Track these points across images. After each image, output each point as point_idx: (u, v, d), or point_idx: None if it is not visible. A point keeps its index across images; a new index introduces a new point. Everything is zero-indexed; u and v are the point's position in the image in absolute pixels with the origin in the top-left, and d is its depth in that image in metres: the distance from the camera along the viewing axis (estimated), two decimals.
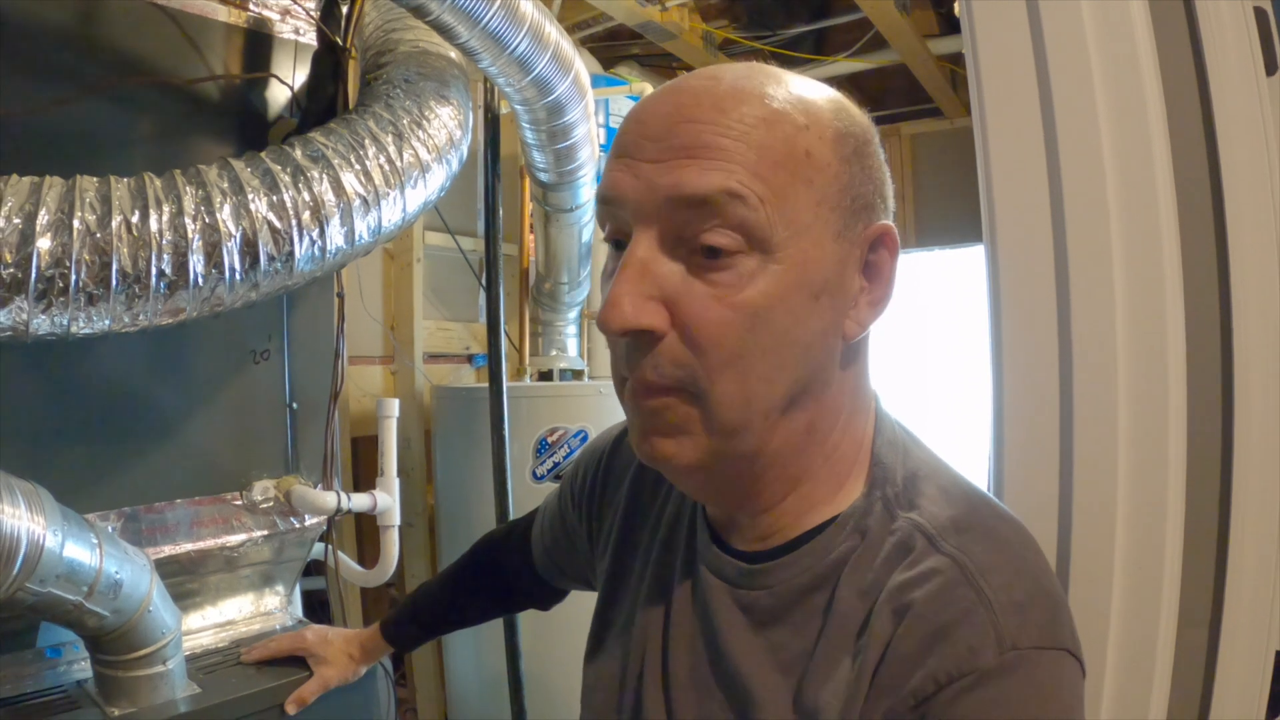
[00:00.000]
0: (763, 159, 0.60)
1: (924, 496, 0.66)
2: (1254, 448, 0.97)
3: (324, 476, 1.66)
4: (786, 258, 0.60)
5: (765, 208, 0.59)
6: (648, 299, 0.61)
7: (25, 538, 1.01)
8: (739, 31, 3.20)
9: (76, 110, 1.31)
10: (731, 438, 0.63)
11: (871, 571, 0.64)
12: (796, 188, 0.60)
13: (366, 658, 1.25)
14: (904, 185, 3.90)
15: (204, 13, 1.46)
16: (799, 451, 0.67)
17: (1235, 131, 1.04)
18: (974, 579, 0.59)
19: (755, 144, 0.60)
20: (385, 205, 1.34)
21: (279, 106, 1.58)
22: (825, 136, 0.62)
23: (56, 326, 1.07)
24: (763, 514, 0.70)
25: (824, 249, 0.62)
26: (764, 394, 0.62)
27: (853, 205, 0.64)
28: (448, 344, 3.00)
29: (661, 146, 0.61)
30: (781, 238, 0.60)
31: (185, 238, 1.12)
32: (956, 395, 2.38)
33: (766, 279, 0.60)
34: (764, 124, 0.60)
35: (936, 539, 0.63)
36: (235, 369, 1.55)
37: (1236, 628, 0.96)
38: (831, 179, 0.62)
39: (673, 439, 0.64)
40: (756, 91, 0.62)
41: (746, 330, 0.60)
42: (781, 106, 0.62)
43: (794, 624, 0.67)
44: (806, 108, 0.63)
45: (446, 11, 1.33)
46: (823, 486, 0.69)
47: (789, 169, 0.60)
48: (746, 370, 0.61)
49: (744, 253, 0.60)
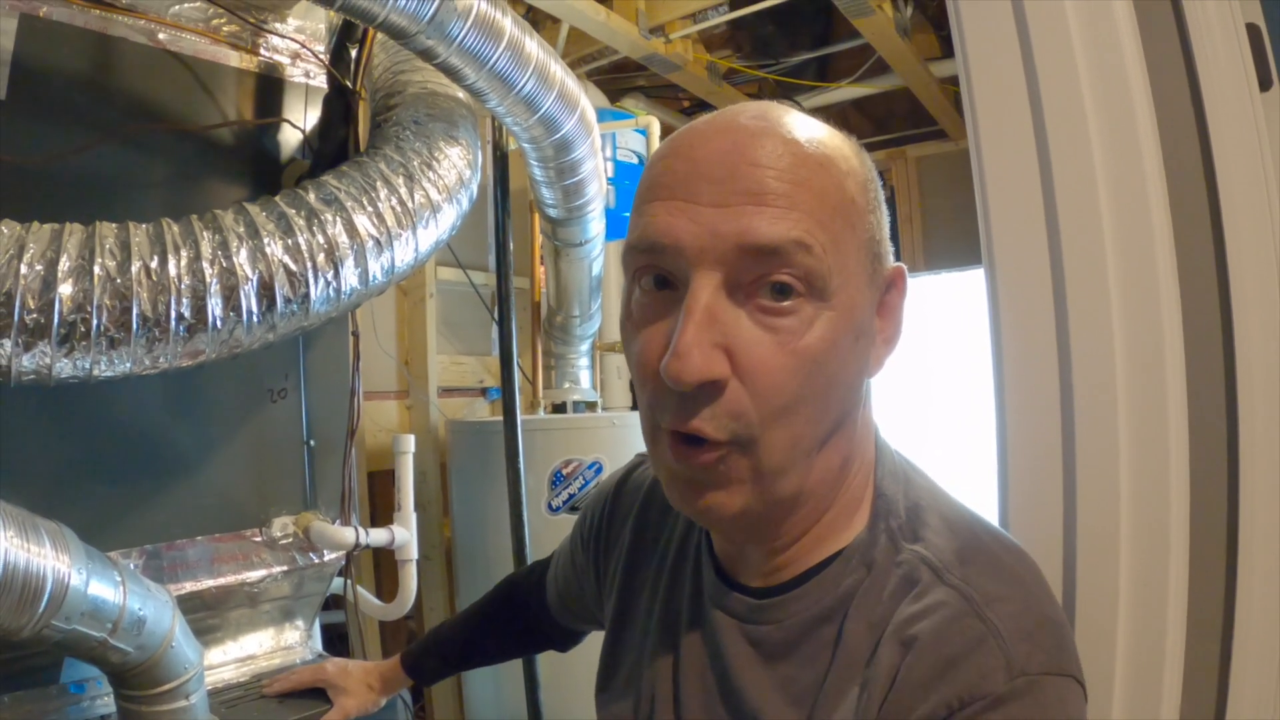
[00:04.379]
0: (823, 206, 0.60)
1: (928, 527, 0.67)
2: (1259, 456, 0.97)
3: (342, 512, 1.68)
4: (839, 304, 0.61)
5: (827, 256, 0.59)
6: (714, 347, 0.59)
7: (51, 576, 1.03)
8: (743, 61, 3.24)
9: (94, 156, 1.34)
10: (776, 482, 0.63)
11: (879, 605, 0.65)
12: (846, 234, 0.62)
13: (386, 689, 1.26)
14: (911, 208, 3.91)
15: (216, 58, 1.50)
16: (831, 487, 0.68)
17: (1230, 148, 1.05)
18: (981, 610, 0.60)
19: (816, 190, 0.60)
20: (398, 246, 1.37)
21: (291, 149, 1.61)
22: (860, 182, 0.64)
23: (79, 369, 1.09)
24: (779, 550, 0.70)
25: (862, 293, 0.63)
26: (809, 436, 0.63)
27: (878, 250, 0.65)
28: (462, 378, 3.02)
29: (724, 190, 0.59)
30: (835, 285, 0.60)
31: (203, 281, 1.15)
32: (967, 418, 2.38)
33: (822, 325, 0.60)
34: (821, 169, 0.61)
35: (942, 571, 0.63)
36: (253, 408, 1.57)
37: (1248, 638, 0.96)
38: (865, 225, 0.63)
39: (723, 490, 0.63)
40: (805, 136, 0.62)
41: (806, 377, 0.60)
42: (829, 153, 0.62)
43: (804, 657, 0.67)
44: (845, 154, 0.64)
45: (454, 54, 1.36)
46: (839, 518, 0.70)
47: (842, 216, 0.61)
48: (796, 415, 0.61)
49: (805, 299, 0.60)
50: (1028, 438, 1.02)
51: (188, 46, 1.45)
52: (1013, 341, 1.02)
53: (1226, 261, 1.00)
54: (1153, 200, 0.98)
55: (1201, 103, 1.05)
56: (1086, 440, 0.96)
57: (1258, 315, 1.00)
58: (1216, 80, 1.06)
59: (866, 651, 0.63)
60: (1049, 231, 1.00)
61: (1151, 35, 1.05)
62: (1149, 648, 0.93)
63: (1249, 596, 0.96)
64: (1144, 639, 0.94)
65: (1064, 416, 0.98)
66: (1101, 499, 0.95)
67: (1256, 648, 0.97)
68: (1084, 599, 0.95)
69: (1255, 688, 0.96)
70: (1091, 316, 0.97)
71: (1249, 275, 1.00)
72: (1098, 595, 0.95)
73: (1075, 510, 0.96)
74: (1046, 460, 0.99)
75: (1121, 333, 0.96)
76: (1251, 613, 0.97)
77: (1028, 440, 1.02)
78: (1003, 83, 1.05)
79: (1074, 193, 0.99)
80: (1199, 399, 0.97)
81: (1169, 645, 0.93)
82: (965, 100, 1.09)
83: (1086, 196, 0.99)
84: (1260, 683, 0.97)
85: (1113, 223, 0.98)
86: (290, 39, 1.58)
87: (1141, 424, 0.95)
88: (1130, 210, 0.98)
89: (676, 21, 2.77)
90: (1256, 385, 0.98)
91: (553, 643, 1.19)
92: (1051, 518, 0.98)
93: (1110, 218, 0.98)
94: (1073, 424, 0.97)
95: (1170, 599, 0.93)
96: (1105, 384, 0.95)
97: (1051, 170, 1.00)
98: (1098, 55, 1.02)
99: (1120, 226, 0.98)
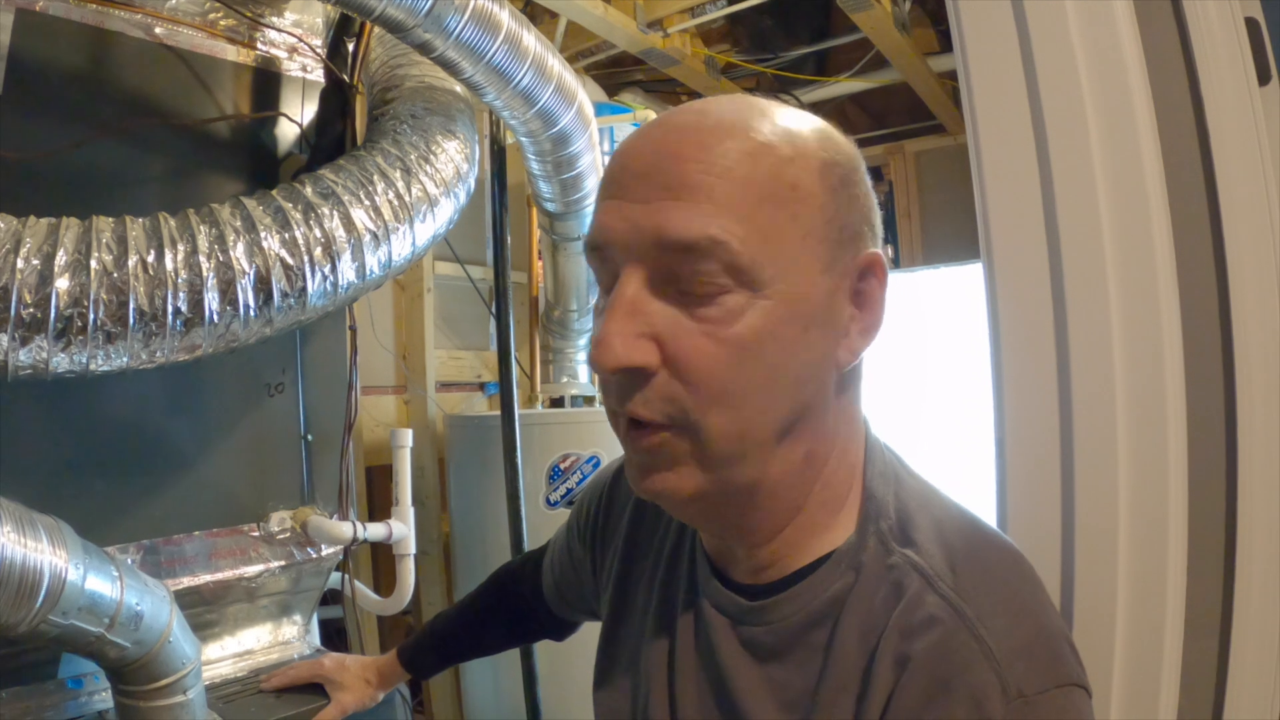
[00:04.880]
0: (747, 195, 0.60)
1: (919, 530, 0.66)
2: (1258, 452, 0.97)
3: (339, 507, 1.68)
4: (775, 293, 0.60)
5: (749, 248, 0.59)
6: (638, 337, 0.61)
7: (48, 571, 1.03)
8: (741, 55, 3.23)
9: (91, 151, 1.34)
10: (727, 469, 0.64)
11: (871, 612, 0.64)
12: (782, 222, 0.61)
13: (384, 684, 1.26)
14: (910, 203, 3.91)
15: (213, 53, 1.49)
16: (798, 480, 0.67)
17: (1229, 142, 1.04)
18: (974, 626, 0.60)
19: (739, 180, 0.60)
20: (395, 240, 1.37)
21: (288, 143, 1.61)
22: (811, 167, 0.62)
23: (76, 364, 1.09)
24: (760, 546, 0.70)
25: (813, 281, 0.62)
26: (758, 425, 0.63)
27: (840, 236, 0.63)
28: (459, 373, 3.02)
29: (647, 185, 0.61)
30: (769, 274, 0.60)
31: (200, 276, 1.15)
32: (965, 414, 2.38)
33: (755, 314, 0.60)
34: (749, 158, 0.60)
35: (933, 579, 0.63)
36: (250, 402, 1.57)
37: (1246, 636, 0.96)
38: (818, 210, 0.62)
39: (671, 472, 0.64)
40: (741, 125, 0.62)
41: (736, 365, 0.60)
42: (766, 139, 0.61)
43: (795, 661, 0.67)
44: (792, 138, 0.63)
45: (451, 48, 1.36)
46: (819, 515, 0.69)
47: (774, 203, 0.60)
48: (739, 404, 0.61)
49: (731, 290, 0.60)
50: (1026, 435, 1.02)
51: (184, 40, 1.45)
52: (1011, 337, 1.02)
53: (1225, 256, 1.00)
54: (1152, 194, 0.98)
55: (1200, 97, 1.05)
56: (1085, 437, 0.96)
57: (1257, 309, 1.00)
58: (1215, 74, 1.06)
59: (859, 660, 0.63)
60: (1047, 226, 1.00)
61: (1150, 29, 1.05)
62: (1147, 646, 0.94)
63: (1247, 595, 0.97)
64: (1142, 637, 0.94)
65: (1062, 413, 0.98)
66: (1100, 496, 0.95)
67: (1255, 646, 0.97)
68: (1082, 597, 0.95)
69: (1253, 687, 0.97)
70: (1090, 312, 0.97)
71: (1248, 269, 1.00)
72: (1096, 593, 0.95)
73: (1074, 508, 0.96)
74: (1045, 457, 0.99)
75: (1120, 328, 0.96)
76: (1250, 611, 0.97)
77: (1026, 437, 1.02)
78: (1002, 77, 1.05)
79: (1073, 187, 0.99)
80: (1198, 394, 0.97)
81: (1167, 644, 0.93)
82: (964, 94, 1.09)
83: (1085, 191, 0.99)
84: (1259, 681, 0.97)
85: (1111, 217, 0.97)
86: (287, 33, 1.57)
87: (1140, 420, 0.95)
88: (1129, 205, 0.98)
89: (674, 16, 2.77)
90: (1255, 380, 0.98)
91: (548, 632, 1.19)
92: (1050, 515, 0.98)
93: (1109, 212, 0.97)
94: (1071, 421, 0.97)
95: (1169, 597, 0.93)
96: (1104, 380, 0.95)
97: (1050, 164, 1.00)
98: (1097, 48, 1.02)
99: (1119, 221, 0.98)
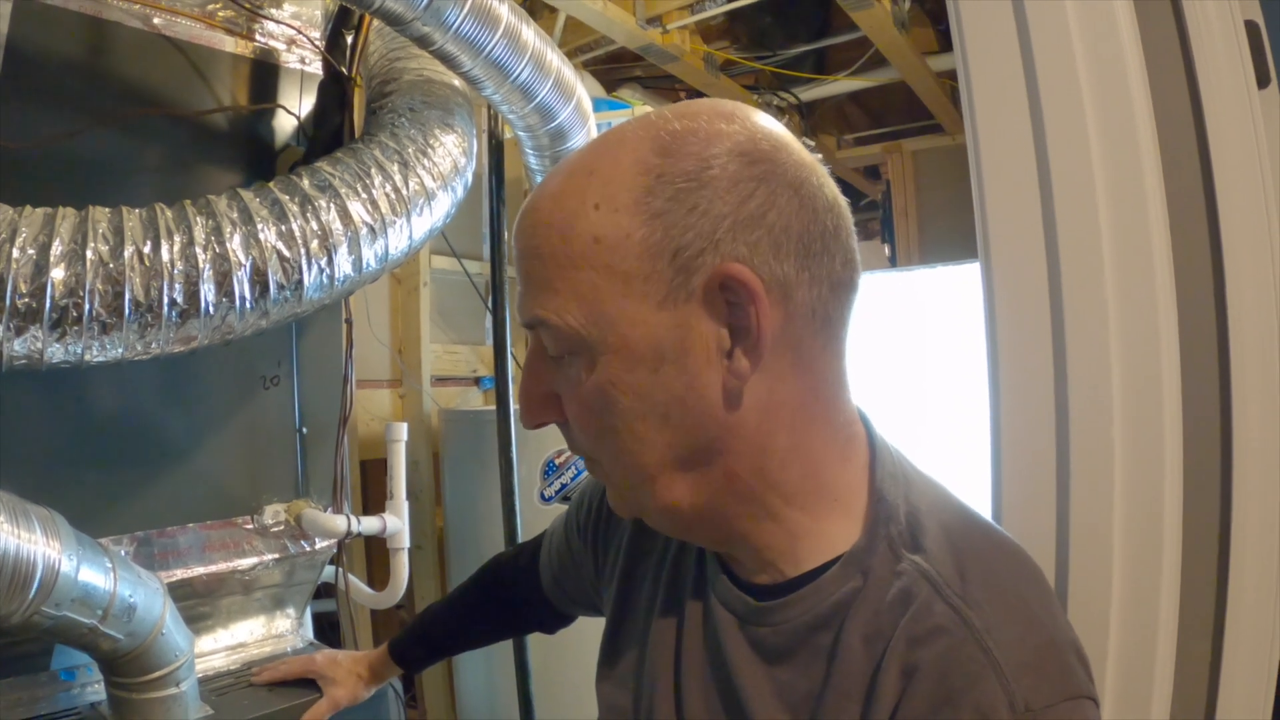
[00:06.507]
0: (555, 268, 0.63)
1: (928, 536, 0.65)
2: (1253, 453, 0.97)
3: (334, 500, 1.68)
4: (607, 347, 0.62)
5: (568, 317, 0.62)
6: (543, 396, 0.69)
7: (41, 562, 1.03)
8: (739, 52, 3.23)
9: (87, 141, 1.33)
10: (637, 498, 0.69)
11: (877, 617, 0.63)
12: (595, 280, 0.62)
13: (375, 678, 1.26)
14: (907, 202, 3.92)
15: (211, 44, 1.49)
16: (732, 499, 0.67)
17: (1228, 144, 1.05)
18: (981, 638, 0.59)
19: (547, 256, 0.63)
20: (392, 233, 1.37)
21: (286, 135, 1.60)
22: (621, 205, 0.61)
23: (70, 355, 1.09)
24: (749, 551, 0.70)
25: (646, 323, 0.62)
26: (641, 463, 0.66)
27: (675, 262, 0.61)
28: (455, 367, 3.02)
29: (518, 268, 0.67)
30: (595, 334, 0.62)
31: (196, 267, 1.14)
32: (964, 413, 2.38)
33: (597, 372, 0.63)
34: (552, 230, 0.63)
35: (942, 586, 0.62)
36: (245, 395, 1.57)
37: (1239, 638, 0.96)
38: (633, 251, 0.61)
39: (612, 497, 0.73)
40: (554, 192, 0.64)
41: (596, 417, 0.65)
42: (570, 199, 0.63)
43: (800, 663, 0.66)
44: (605, 180, 0.62)
45: (450, 42, 1.35)
46: (800, 520, 0.68)
47: (580, 265, 0.62)
48: (613, 449, 0.66)
49: (576, 353, 0.64)
50: (1022, 436, 1.02)
51: (183, 31, 1.44)
52: (1008, 337, 1.02)
53: (1223, 257, 1.01)
54: (1150, 195, 0.99)
55: (1199, 99, 1.05)
56: (1081, 437, 0.96)
57: (1254, 311, 1.00)
58: (1215, 77, 1.06)
59: (865, 669, 0.62)
60: (1045, 227, 1.00)
61: (1150, 31, 1.05)
62: (1140, 646, 0.94)
63: (1240, 596, 0.97)
64: (1135, 637, 0.94)
65: (1058, 414, 0.98)
66: (1095, 496, 0.96)
67: (1248, 649, 0.97)
68: (1076, 597, 0.96)
69: (1246, 688, 0.97)
70: (1087, 312, 0.97)
71: (1245, 270, 1.01)
72: (1090, 593, 0.95)
73: (1069, 507, 0.96)
74: (1040, 457, 0.99)
75: (1117, 328, 0.96)
76: (1243, 613, 0.97)
77: (1022, 438, 1.02)
78: (1001, 78, 1.05)
79: (1071, 188, 0.99)
80: (1194, 395, 0.98)
81: (1160, 644, 0.93)
82: (963, 94, 1.09)
83: (1084, 192, 0.99)
84: (1251, 684, 0.97)
85: (1109, 218, 0.98)
86: (286, 25, 1.57)
87: (1136, 421, 0.95)
88: (1127, 206, 0.98)
89: (674, 12, 2.76)
90: (1251, 381, 0.98)
91: (539, 625, 1.19)
92: (1045, 515, 0.98)
93: (1107, 213, 0.98)
94: (1067, 421, 0.97)
95: (1162, 597, 0.93)
96: (1100, 380, 0.95)
97: (1049, 165, 1.00)
98: (1096, 50, 1.02)
99: (1117, 222, 0.98)
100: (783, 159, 0.63)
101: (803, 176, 0.63)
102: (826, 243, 0.63)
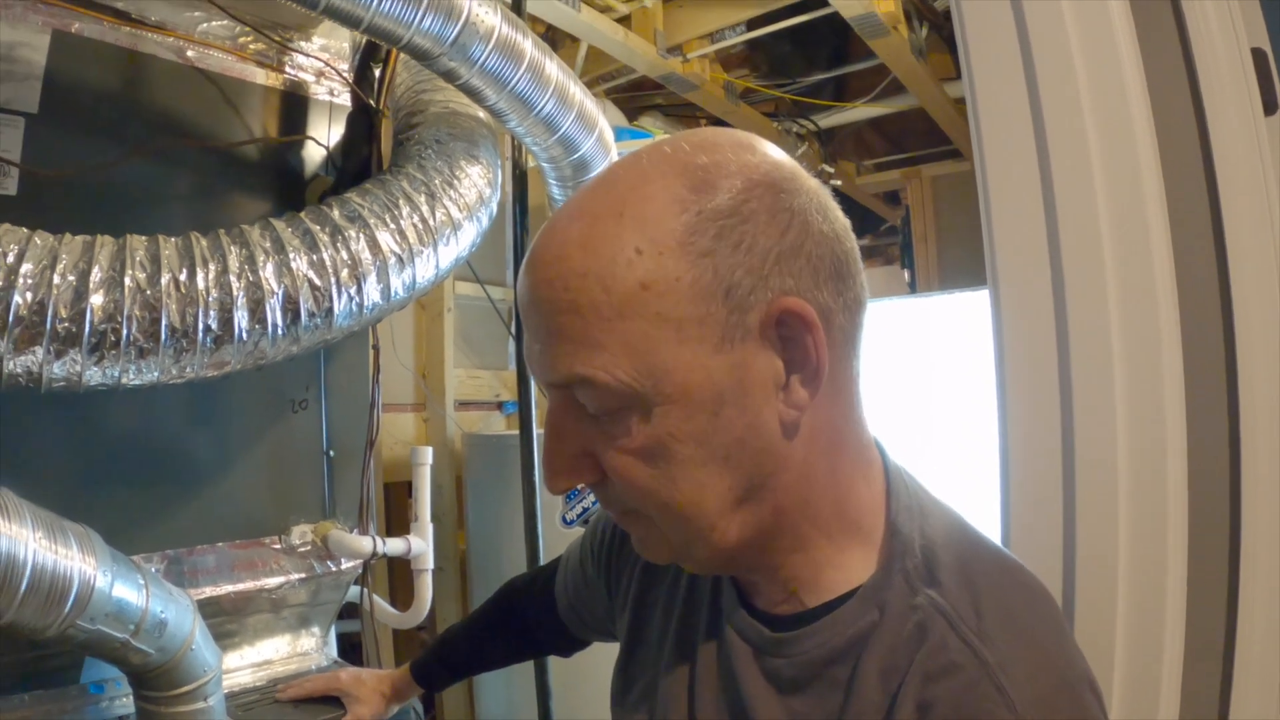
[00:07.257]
0: (597, 321, 0.59)
1: (944, 570, 0.65)
2: (1260, 481, 0.97)
3: (360, 521, 1.70)
4: (664, 397, 0.60)
5: (618, 370, 0.59)
6: (576, 456, 0.64)
7: (77, 577, 1.06)
8: (759, 80, 3.26)
9: (123, 170, 1.37)
10: (687, 546, 0.66)
11: (893, 653, 0.63)
12: (646, 329, 0.59)
13: (398, 697, 1.28)
14: (926, 227, 3.92)
15: (243, 76, 1.53)
16: (775, 531, 0.67)
17: (1234, 171, 1.05)
18: (995, 675, 0.59)
19: (587, 308, 0.59)
20: (419, 262, 1.40)
21: (315, 166, 1.64)
22: (666, 249, 0.59)
23: (108, 378, 1.12)
24: (777, 582, 0.71)
25: (705, 369, 0.60)
26: (701, 511, 0.64)
27: (729, 301, 0.59)
28: (478, 391, 3.04)
29: (531, 327, 0.63)
30: (648, 387, 0.59)
31: (230, 294, 1.18)
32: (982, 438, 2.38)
33: (653, 424, 0.61)
34: (589, 279, 0.59)
35: (957, 622, 0.62)
36: (275, 418, 1.60)
37: (1250, 659, 0.96)
38: (684, 295, 0.59)
39: (646, 545, 0.69)
40: (582, 244, 0.60)
41: (653, 471, 0.62)
42: (604, 245, 0.59)
43: (816, 695, 0.66)
44: (641, 229, 0.59)
45: (475, 76, 1.39)
46: (825, 550, 0.69)
47: (629, 315, 0.59)
48: (671, 501, 0.63)
49: (625, 407, 0.61)
50: (1030, 459, 1.03)
51: (215, 64, 1.48)
52: (1015, 364, 1.04)
53: (1230, 286, 1.01)
54: (1154, 223, 1.00)
55: (1205, 126, 1.06)
56: (1087, 461, 0.97)
57: (1260, 338, 1.01)
58: (1221, 103, 1.07)
59: (880, 700, 0.62)
60: (1051, 254, 1.01)
61: (1155, 58, 1.06)
62: (1146, 667, 0.94)
63: (1250, 616, 0.97)
64: (1142, 659, 0.94)
65: (1064, 440, 0.99)
66: (1101, 521, 0.96)
67: (1258, 669, 0.97)
68: (1082, 617, 0.96)
69: (1257, 709, 0.97)
70: (1093, 340, 0.98)
71: (1251, 299, 1.01)
72: (1096, 615, 0.95)
73: (1074, 531, 0.97)
74: (1047, 483, 1.00)
75: (1122, 356, 0.97)
76: (1254, 634, 0.97)
77: (1030, 461, 1.03)
78: (1007, 106, 1.06)
79: (1076, 215, 1.00)
80: (1199, 423, 0.98)
81: (1165, 666, 0.93)
82: (971, 124, 1.11)
83: (1089, 219, 1.00)
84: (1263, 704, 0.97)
85: (1114, 246, 0.99)
86: (315, 58, 1.61)
87: (1142, 445, 0.96)
88: (1132, 233, 0.99)
89: (694, 41, 2.80)
90: (1259, 407, 0.99)
91: (556, 649, 1.20)
92: (1051, 539, 0.99)
93: (1112, 240, 0.99)
94: (1073, 446, 0.98)
95: (1168, 618, 0.93)
96: (1105, 406, 0.96)
97: (1054, 192, 1.01)
98: (1101, 77, 1.03)
99: (1122, 249, 0.99)
100: (802, 186, 0.63)
101: (822, 202, 0.64)
102: (850, 266, 0.65)
